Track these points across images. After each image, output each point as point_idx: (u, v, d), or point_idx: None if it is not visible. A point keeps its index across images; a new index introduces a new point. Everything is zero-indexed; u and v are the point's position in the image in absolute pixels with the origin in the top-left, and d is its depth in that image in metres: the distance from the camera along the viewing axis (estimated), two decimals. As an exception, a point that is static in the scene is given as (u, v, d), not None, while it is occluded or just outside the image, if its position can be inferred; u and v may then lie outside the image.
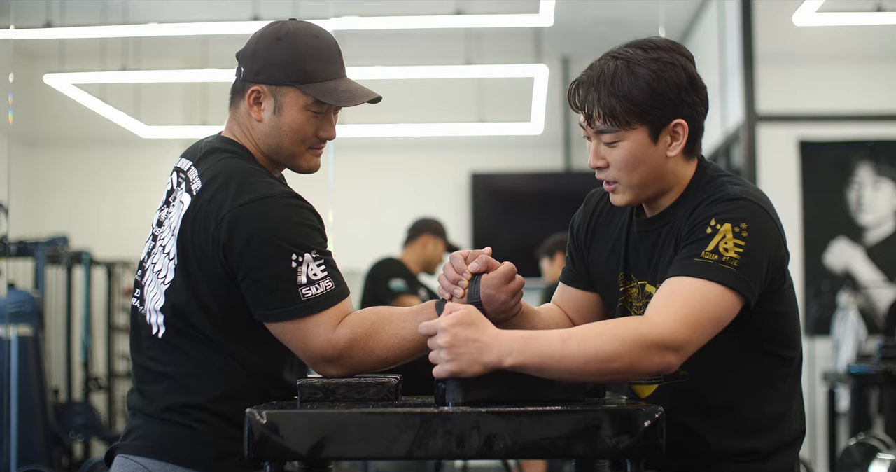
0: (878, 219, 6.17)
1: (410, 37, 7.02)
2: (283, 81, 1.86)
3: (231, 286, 1.78)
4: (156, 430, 1.82)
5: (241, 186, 1.78)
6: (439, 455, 1.50)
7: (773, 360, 1.76)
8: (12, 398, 4.79)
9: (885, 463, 3.54)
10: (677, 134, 1.74)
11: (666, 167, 1.76)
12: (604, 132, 1.73)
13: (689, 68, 1.74)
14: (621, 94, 1.70)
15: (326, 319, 1.76)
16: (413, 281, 4.67)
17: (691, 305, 1.59)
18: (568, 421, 1.50)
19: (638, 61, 1.71)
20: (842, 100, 6.17)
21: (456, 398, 1.55)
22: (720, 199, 1.69)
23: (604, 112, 1.71)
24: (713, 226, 1.65)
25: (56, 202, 7.61)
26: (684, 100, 1.72)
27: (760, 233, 1.66)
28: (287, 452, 1.50)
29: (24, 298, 5.21)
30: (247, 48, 1.91)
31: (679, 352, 1.57)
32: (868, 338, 5.73)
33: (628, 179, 1.76)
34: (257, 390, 1.81)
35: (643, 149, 1.73)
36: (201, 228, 1.79)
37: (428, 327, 1.58)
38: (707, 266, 1.62)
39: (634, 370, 1.56)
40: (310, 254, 1.76)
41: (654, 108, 1.70)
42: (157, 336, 1.84)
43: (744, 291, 1.63)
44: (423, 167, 7.98)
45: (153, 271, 1.87)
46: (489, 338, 1.54)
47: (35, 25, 5.30)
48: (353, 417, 1.50)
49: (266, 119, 1.88)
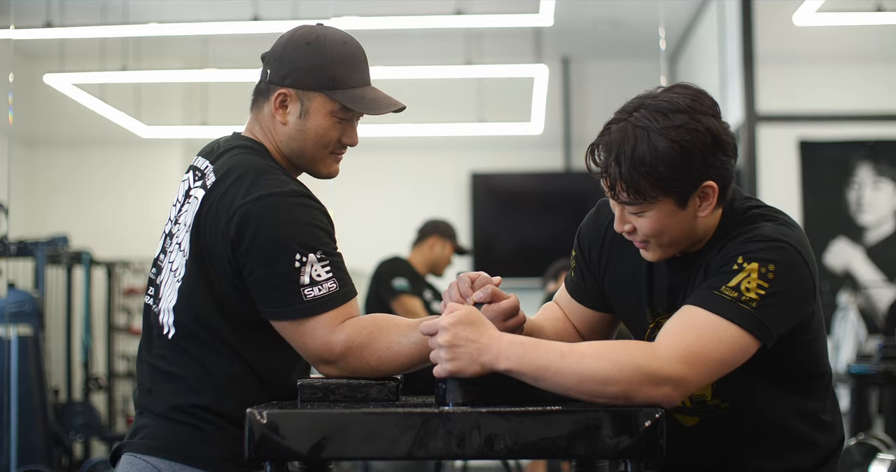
0: (878, 219, 6.17)
1: (410, 37, 7.02)
2: (312, 86, 1.86)
3: (240, 283, 1.79)
4: (164, 429, 1.82)
5: (254, 182, 1.78)
6: (439, 455, 1.50)
7: (803, 380, 1.75)
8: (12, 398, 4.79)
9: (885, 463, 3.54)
10: (706, 195, 1.66)
11: (697, 225, 1.69)
12: (629, 204, 1.66)
13: (714, 127, 1.63)
14: (644, 169, 1.60)
15: (326, 321, 1.75)
16: (418, 281, 4.66)
17: (700, 342, 1.56)
18: (568, 421, 1.50)
19: (658, 130, 1.61)
20: (842, 100, 6.17)
21: (456, 397, 1.55)
22: (753, 238, 1.64)
23: (627, 186, 1.62)
24: (739, 263, 1.60)
25: (56, 202, 7.60)
26: (711, 164, 1.63)
27: (788, 277, 1.61)
28: (287, 452, 1.50)
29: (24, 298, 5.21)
30: (274, 51, 1.90)
31: (678, 387, 1.54)
32: (868, 338, 5.73)
33: (658, 241, 1.69)
34: (265, 393, 1.81)
35: (671, 217, 1.66)
36: (213, 223, 1.79)
37: (429, 326, 1.58)
38: (725, 303, 1.58)
39: (629, 398, 1.52)
40: (314, 254, 1.75)
41: (680, 179, 1.62)
42: (167, 336, 1.84)
43: (759, 333, 1.58)
44: (423, 167, 7.98)
45: (170, 269, 1.87)
46: (489, 339, 1.54)
47: (35, 25, 5.30)
48: (354, 417, 1.50)
49: (291, 122, 1.88)
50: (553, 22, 5.18)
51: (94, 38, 6.17)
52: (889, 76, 6.22)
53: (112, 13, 5.80)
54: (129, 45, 6.36)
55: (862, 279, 6.06)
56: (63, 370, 6.54)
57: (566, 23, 6.69)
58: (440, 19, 5.44)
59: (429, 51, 7.15)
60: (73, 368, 6.58)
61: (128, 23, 5.74)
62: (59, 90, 6.15)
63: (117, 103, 6.49)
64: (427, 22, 5.63)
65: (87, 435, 6.04)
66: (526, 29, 6.87)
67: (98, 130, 7.29)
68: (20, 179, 7.29)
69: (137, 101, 6.77)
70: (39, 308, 5.31)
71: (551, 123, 7.55)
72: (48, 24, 5.22)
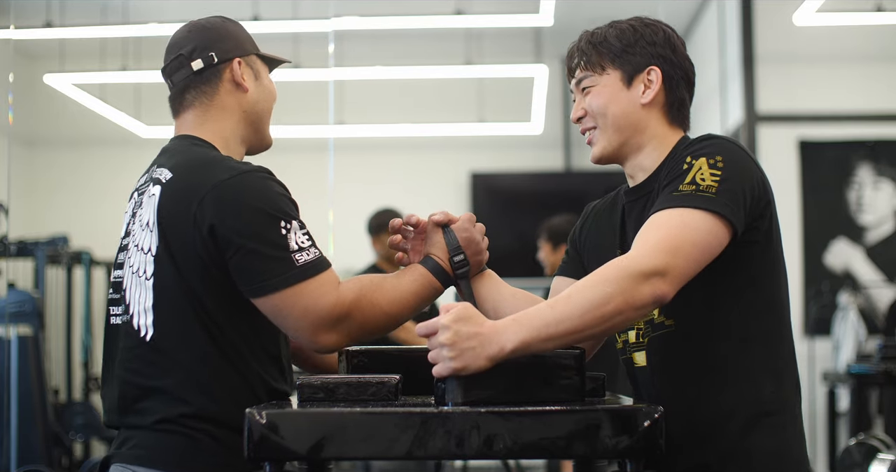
0: (878, 219, 6.17)
1: (410, 37, 7.02)
2: (249, 50, 1.97)
3: (214, 272, 1.76)
4: (154, 439, 1.77)
5: (217, 167, 1.80)
6: (439, 455, 1.50)
7: (753, 309, 1.71)
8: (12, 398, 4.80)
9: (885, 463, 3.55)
10: (651, 82, 1.79)
11: (639, 116, 1.80)
12: (581, 80, 1.82)
13: (670, 33, 1.82)
14: (598, 41, 1.82)
15: (326, 279, 1.77)
16: None
17: (669, 232, 1.59)
18: (568, 421, 1.50)
19: (622, 21, 1.84)
20: (842, 100, 6.17)
21: (456, 397, 1.54)
22: (694, 142, 1.74)
23: (580, 57, 1.83)
24: (688, 162, 1.67)
25: (56, 202, 7.61)
26: (659, 53, 1.80)
27: (737, 164, 1.67)
28: (287, 452, 1.50)
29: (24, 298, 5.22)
30: (194, 43, 1.95)
31: (666, 277, 1.56)
32: (868, 338, 5.73)
33: (603, 123, 1.80)
34: (251, 396, 1.78)
35: (616, 91, 1.80)
36: (181, 211, 1.77)
37: (427, 326, 1.55)
38: (685, 196, 1.63)
39: (631, 306, 1.54)
40: (296, 222, 1.78)
41: (627, 53, 1.80)
42: (144, 339, 1.79)
43: (725, 213, 1.62)
44: (423, 167, 7.98)
45: (133, 273, 1.83)
46: (488, 330, 1.52)
47: (35, 25, 5.31)
48: (353, 417, 1.50)
49: (252, 87, 1.96)
50: (553, 22, 5.18)
51: (94, 38, 6.17)
52: (889, 76, 6.22)
53: (112, 13, 5.80)
54: (129, 45, 6.36)
55: (862, 279, 6.06)
56: (63, 370, 6.54)
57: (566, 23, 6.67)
58: (440, 19, 5.44)
59: (429, 51, 7.15)
60: (73, 368, 6.58)
61: (128, 23, 5.74)
62: (59, 90, 6.15)
63: (117, 103, 6.49)
64: (427, 22, 5.63)
65: (87, 435, 6.04)
66: (526, 29, 6.87)
67: (98, 130, 7.29)
68: (20, 179, 7.29)
69: (137, 101, 6.77)
70: (39, 308, 5.31)
71: (551, 123, 7.56)
72: (48, 24, 5.22)
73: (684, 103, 1.84)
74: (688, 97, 1.85)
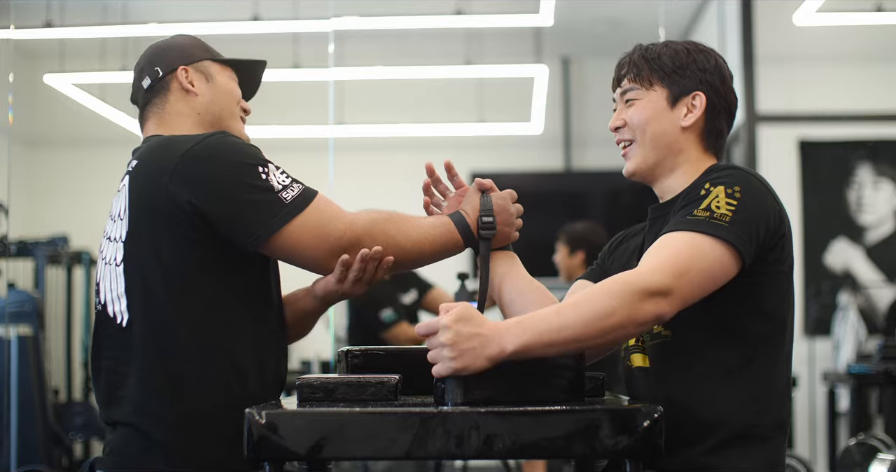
0: (878, 219, 6.17)
1: (410, 37, 7.01)
2: (199, 57, 2.03)
3: (189, 248, 1.78)
4: (133, 441, 1.78)
5: (178, 141, 1.86)
6: (439, 455, 1.50)
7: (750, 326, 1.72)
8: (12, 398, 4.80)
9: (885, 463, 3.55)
10: (694, 106, 1.83)
11: (677, 137, 1.83)
12: (627, 91, 1.85)
13: (721, 63, 1.87)
14: (651, 56, 1.84)
15: (323, 205, 1.81)
16: (395, 302, 4.67)
17: (678, 253, 1.61)
18: (567, 421, 1.50)
19: (678, 42, 1.87)
20: (842, 100, 6.17)
21: (455, 397, 1.54)
22: (714, 169, 1.77)
23: (630, 69, 1.85)
24: (707, 189, 1.69)
25: (56, 202, 7.60)
26: (708, 80, 1.83)
27: (754, 197, 1.69)
28: (286, 452, 1.50)
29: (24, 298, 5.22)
30: (142, 65, 2.03)
31: (668, 298, 1.57)
32: (868, 338, 5.73)
33: (641, 138, 1.83)
34: (232, 378, 1.79)
35: (659, 109, 1.83)
36: (152, 188, 1.81)
37: (427, 326, 1.55)
38: (698, 221, 1.65)
39: (633, 322, 1.56)
40: (272, 164, 1.84)
41: (677, 74, 1.83)
42: (121, 326, 1.81)
43: (736, 243, 1.63)
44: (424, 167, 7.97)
45: (105, 263, 1.88)
46: (489, 330, 1.52)
47: (35, 25, 5.30)
48: (353, 417, 1.50)
49: (202, 90, 2.00)
50: (553, 22, 5.18)
51: (93, 38, 6.16)
52: (889, 76, 6.22)
53: (112, 13, 5.80)
54: (129, 45, 6.35)
55: (862, 279, 6.06)
56: (63, 370, 6.53)
57: (566, 23, 6.68)
58: (440, 19, 5.44)
59: (429, 51, 7.14)
60: (73, 368, 6.58)
61: (128, 23, 5.74)
62: (59, 90, 6.15)
63: (117, 103, 6.49)
64: (427, 22, 5.63)
65: (87, 435, 6.04)
66: (526, 29, 6.86)
67: (98, 130, 7.28)
68: (20, 179, 7.29)
69: (137, 101, 6.77)
70: (39, 308, 5.31)
71: (551, 123, 7.55)
72: (48, 24, 5.22)
73: (722, 133, 1.88)
74: (726, 128, 1.88)
